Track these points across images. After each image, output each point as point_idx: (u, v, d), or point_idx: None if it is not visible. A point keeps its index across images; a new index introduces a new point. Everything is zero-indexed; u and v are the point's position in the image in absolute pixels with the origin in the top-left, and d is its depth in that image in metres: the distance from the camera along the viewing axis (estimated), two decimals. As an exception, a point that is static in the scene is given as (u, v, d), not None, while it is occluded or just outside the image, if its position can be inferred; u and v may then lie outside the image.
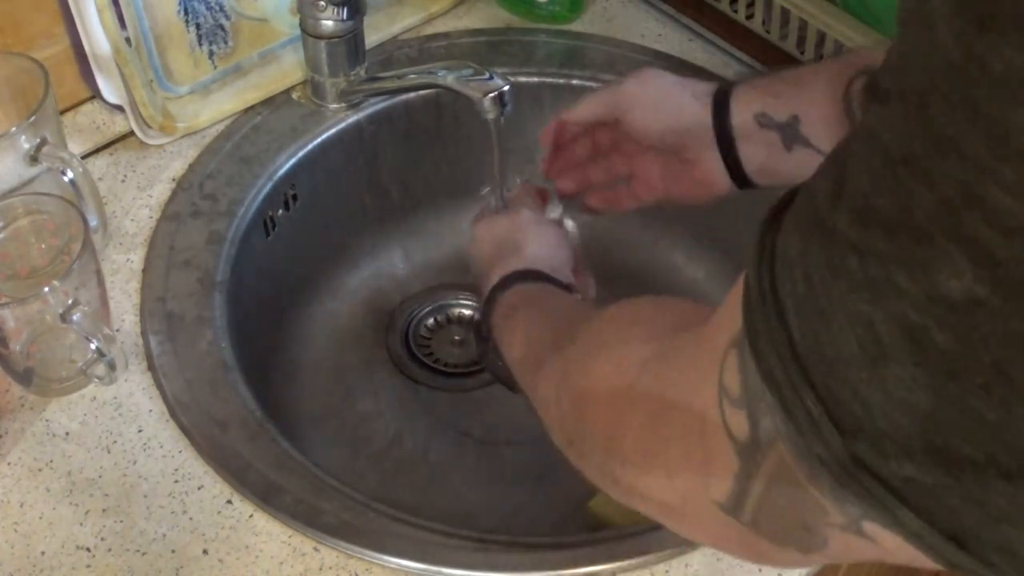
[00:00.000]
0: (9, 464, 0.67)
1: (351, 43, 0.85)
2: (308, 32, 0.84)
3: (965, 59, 0.26)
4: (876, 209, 0.29)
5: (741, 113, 0.69)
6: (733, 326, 0.36)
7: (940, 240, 0.27)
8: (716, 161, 0.70)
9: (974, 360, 0.28)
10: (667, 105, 0.71)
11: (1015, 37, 0.25)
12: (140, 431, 0.69)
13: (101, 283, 0.70)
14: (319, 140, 0.87)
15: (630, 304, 0.54)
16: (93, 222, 0.74)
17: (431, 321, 0.94)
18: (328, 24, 0.83)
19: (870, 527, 0.33)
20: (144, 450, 0.68)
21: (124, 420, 0.69)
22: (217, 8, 0.84)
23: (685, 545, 0.62)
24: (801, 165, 0.67)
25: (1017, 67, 0.25)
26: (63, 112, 0.83)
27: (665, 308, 0.52)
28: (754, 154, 0.69)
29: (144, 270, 0.77)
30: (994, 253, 0.26)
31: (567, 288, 0.68)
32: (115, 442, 0.68)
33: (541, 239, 0.72)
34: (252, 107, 0.88)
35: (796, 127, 0.67)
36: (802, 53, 0.87)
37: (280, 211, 0.85)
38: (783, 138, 0.67)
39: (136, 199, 0.82)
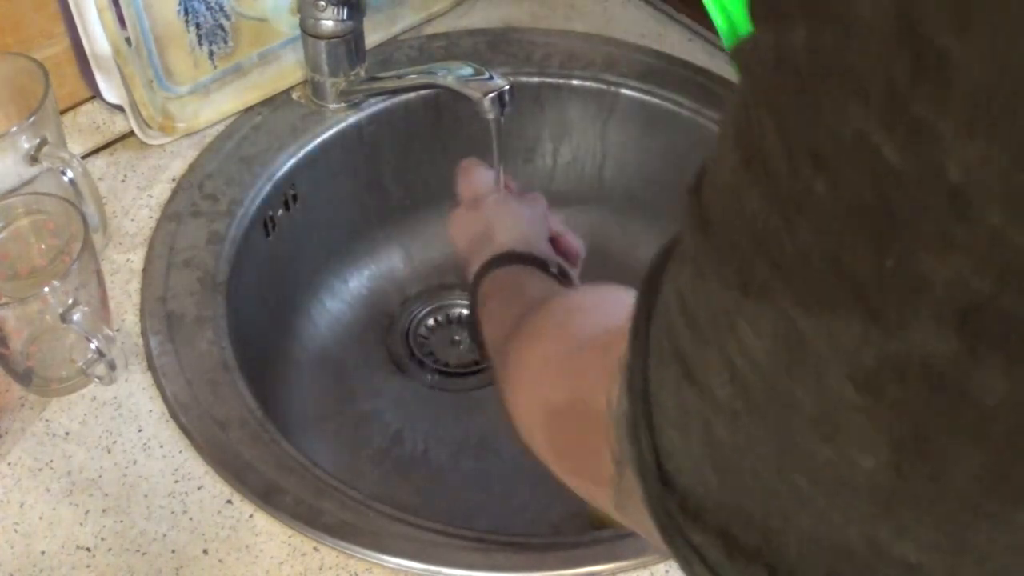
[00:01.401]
0: (9, 464, 0.67)
1: (351, 43, 0.85)
2: (308, 32, 0.84)
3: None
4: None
5: None
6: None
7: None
8: None
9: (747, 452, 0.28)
10: None
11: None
12: (140, 431, 0.69)
13: (101, 283, 0.70)
14: (319, 140, 0.87)
15: (566, 299, 0.55)
16: (93, 222, 0.74)
17: (431, 321, 0.94)
18: (328, 24, 0.83)
19: None
20: (144, 450, 0.68)
21: (124, 420, 0.69)
22: (217, 8, 0.84)
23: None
24: None
25: None
26: (63, 112, 0.83)
27: (600, 304, 0.52)
28: None
29: (144, 270, 0.77)
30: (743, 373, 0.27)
31: (543, 263, 0.67)
32: (115, 442, 0.68)
33: (509, 220, 0.72)
34: (252, 107, 0.88)
35: None
36: (802, 53, 0.87)
37: (280, 211, 0.85)
38: None
39: (136, 199, 0.82)
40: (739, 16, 0.56)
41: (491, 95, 0.75)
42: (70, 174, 0.73)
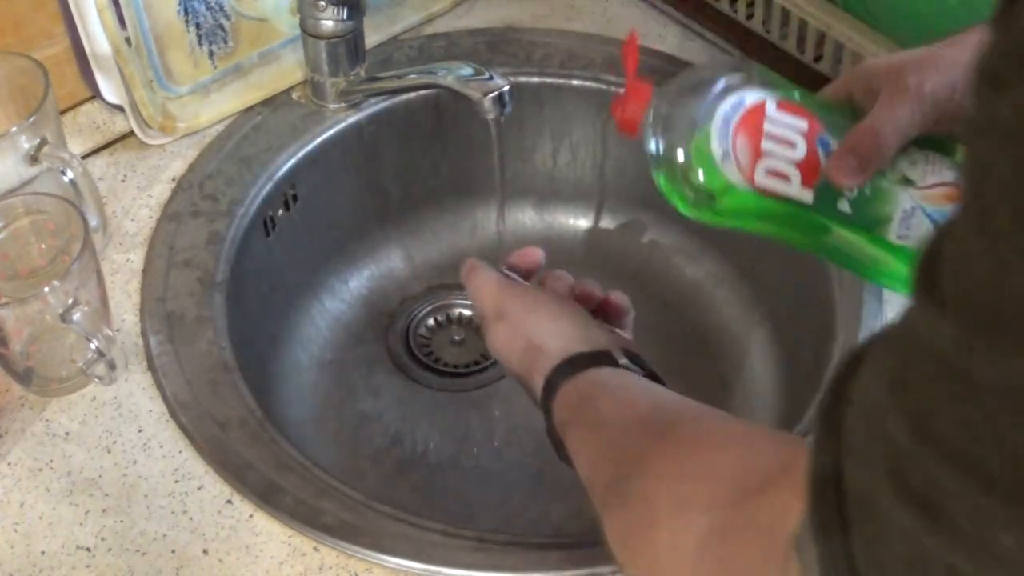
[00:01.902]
0: (9, 464, 0.67)
1: (351, 43, 0.85)
2: (308, 32, 0.84)
3: None
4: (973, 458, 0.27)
5: None
6: (792, 516, 0.34)
7: None
8: None
9: None
10: (935, 52, 0.60)
11: None
12: (140, 431, 0.69)
13: (101, 283, 0.70)
14: (319, 140, 0.87)
15: (688, 450, 0.50)
16: (93, 222, 0.74)
17: (431, 321, 0.94)
18: (328, 24, 0.83)
19: None
20: (144, 450, 0.68)
21: (124, 420, 0.69)
22: (217, 8, 0.84)
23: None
24: None
25: None
26: (63, 112, 0.83)
27: (726, 447, 0.48)
28: None
29: (144, 270, 0.77)
30: None
31: (607, 357, 0.61)
32: (115, 442, 0.68)
33: (545, 321, 0.64)
34: (252, 107, 0.88)
35: None
36: (802, 53, 0.87)
37: (280, 211, 0.85)
38: None
39: (136, 199, 0.82)
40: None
41: (491, 95, 0.75)
42: (70, 174, 0.73)
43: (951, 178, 0.57)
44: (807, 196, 0.57)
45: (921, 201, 0.57)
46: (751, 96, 0.58)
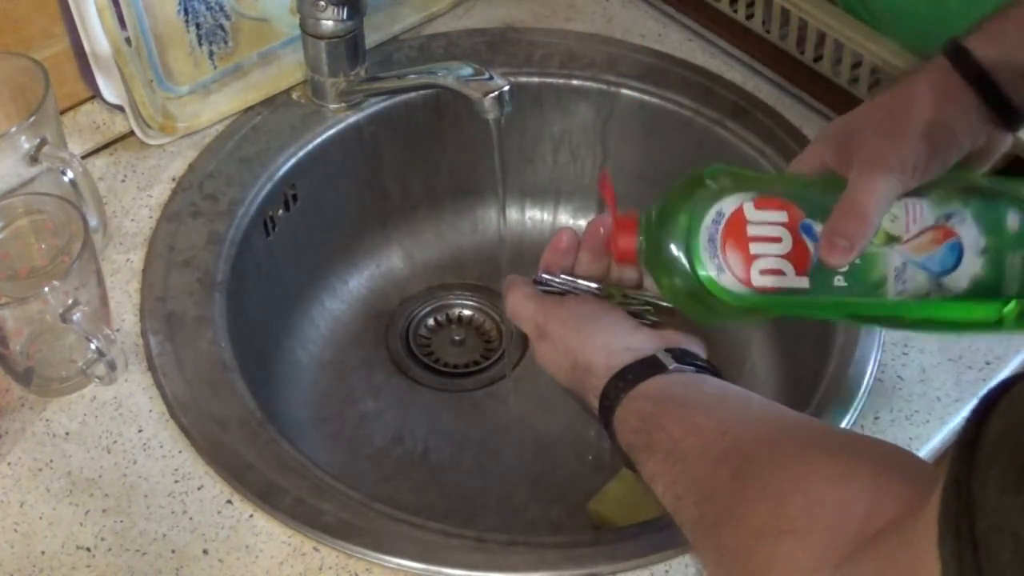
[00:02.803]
0: (9, 464, 0.67)
1: (351, 43, 0.85)
2: (308, 32, 0.84)
3: None
4: None
5: (985, 47, 0.59)
6: (924, 565, 0.34)
7: None
8: (975, 107, 0.60)
9: None
10: (899, 110, 0.60)
11: None
12: (140, 431, 0.69)
13: (101, 283, 0.70)
14: (319, 140, 0.87)
15: (776, 504, 0.47)
16: (93, 222, 0.74)
17: (431, 321, 0.94)
18: (328, 24, 0.83)
19: None
20: (144, 450, 0.68)
21: (124, 420, 0.69)
22: (217, 8, 0.84)
23: (685, 545, 0.62)
24: None
25: None
26: (63, 112, 0.83)
27: (823, 487, 0.46)
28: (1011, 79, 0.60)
29: (144, 270, 0.77)
30: None
31: (655, 363, 0.60)
32: (115, 442, 0.68)
33: (585, 336, 0.63)
34: (252, 107, 0.88)
35: None
36: (802, 53, 0.87)
37: (280, 211, 0.85)
38: None
39: (136, 199, 0.82)
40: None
41: (491, 95, 0.75)
42: (70, 174, 0.73)
43: (933, 221, 0.58)
44: (804, 283, 0.59)
45: (910, 254, 0.58)
46: (728, 204, 0.59)
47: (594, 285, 0.66)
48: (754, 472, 0.49)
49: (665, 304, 0.64)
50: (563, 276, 0.67)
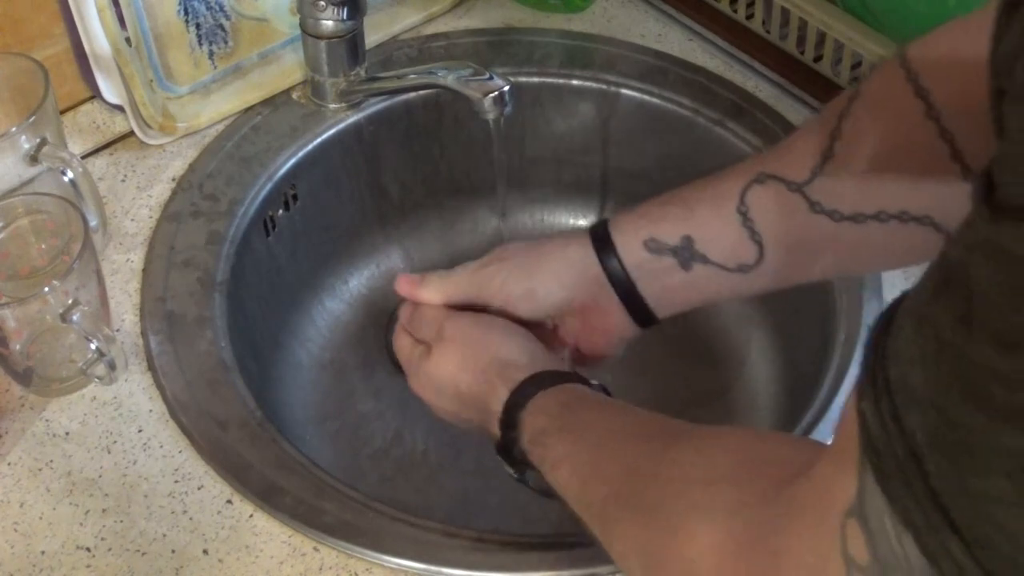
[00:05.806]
0: (9, 464, 0.67)
1: (351, 43, 0.85)
2: (308, 32, 0.84)
3: None
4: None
5: (628, 243, 0.64)
6: (844, 490, 0.34)
7: None
8: (615, 303, 0.64)
9: None
10: (543, 274, 0.65)
11: None
12: (140, 431, 0.69)
13: (101, 283, 0.70)
14: (319, 140, 0.87)
15: (697, 454, 0.49)
16: (93, 222, 0.74)
17: (431, 321, 0.94)
18: (328, 24, 0.83)
19: None
20: (144, 450, 0.68)
21: (124, 420, 0.69)
22: (217, 8, 0.84)
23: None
24: (704, 283, 0.62)
25: None
26: (63, 112, 0.83)
27: (743, 448, 0.48)
28: (651, 283, 0.64)
29: (144, 270, 0.77)
30: None
31: (578, 376, 0.62)
32: (115, 442, 0.68)
33: (519, 341, 0.65)
34: (252, 107, 0.88)
35: (691, 247, 0.62)
36: (802, 53, 0.87)
37: (280, 211, 0.85)
38: (680, 260, 0.62)
39: (136, 199, 0.82)
40: None
41: (491, 95, 0.75)
42: (70, 174, 0.73)
43: None
44: None
45: None
46: None
47: None
48: (678, 441, 0.51)
49: None
50: None
